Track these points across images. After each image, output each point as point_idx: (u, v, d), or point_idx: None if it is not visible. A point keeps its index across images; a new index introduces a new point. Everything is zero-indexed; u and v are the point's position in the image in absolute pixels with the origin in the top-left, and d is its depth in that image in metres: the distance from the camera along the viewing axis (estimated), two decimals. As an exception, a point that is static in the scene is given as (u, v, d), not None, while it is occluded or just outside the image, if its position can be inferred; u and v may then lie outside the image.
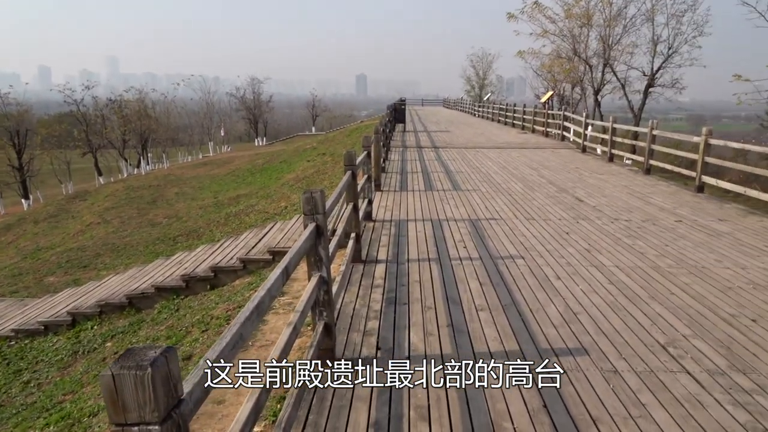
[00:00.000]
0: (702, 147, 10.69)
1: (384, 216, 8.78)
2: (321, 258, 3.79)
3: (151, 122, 45.68)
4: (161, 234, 17.06)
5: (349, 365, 4.00)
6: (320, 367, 3.95)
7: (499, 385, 3.64)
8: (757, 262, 6.50)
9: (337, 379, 3.81)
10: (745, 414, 3.44)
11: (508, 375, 3.27)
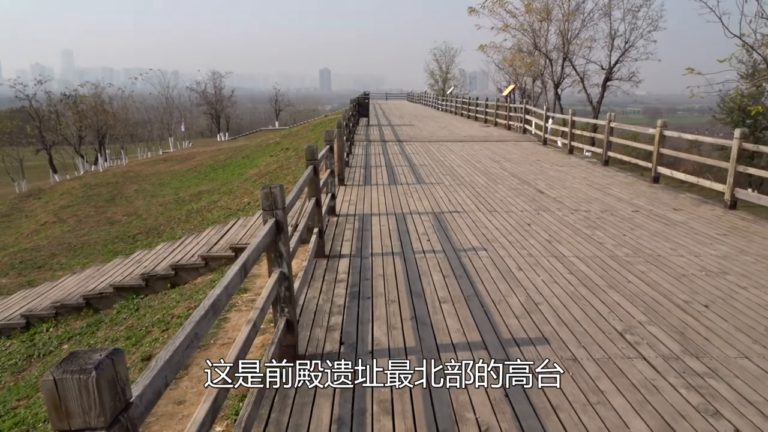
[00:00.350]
0: (657, 139, 10.98)
1: (348, 210, 8.75)
2: (281, 254, 3.74)
3: (108, 118, 44.34)
4: (120, 232, 16.63)
5: (313, 361, 3.98)
6: (283, 363, 3.91)
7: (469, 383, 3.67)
8: (710, 250, 6.72)
9: (300, 376, 3.78)
10: (698, 397, 3.55)
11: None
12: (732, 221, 8.17)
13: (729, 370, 3.88)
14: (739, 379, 3.77)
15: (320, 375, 3.78)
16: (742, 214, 8.67)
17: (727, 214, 8.66)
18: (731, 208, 8.88)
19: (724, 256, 6.50)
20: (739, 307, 5.00)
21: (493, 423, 3.26)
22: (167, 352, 1.81)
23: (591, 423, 3.26)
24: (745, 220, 8.28)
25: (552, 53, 29.23)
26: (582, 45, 27.88)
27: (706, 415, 3.35)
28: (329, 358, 4.05)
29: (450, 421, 3.27)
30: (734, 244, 6.96)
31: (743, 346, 4.26)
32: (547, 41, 29.18)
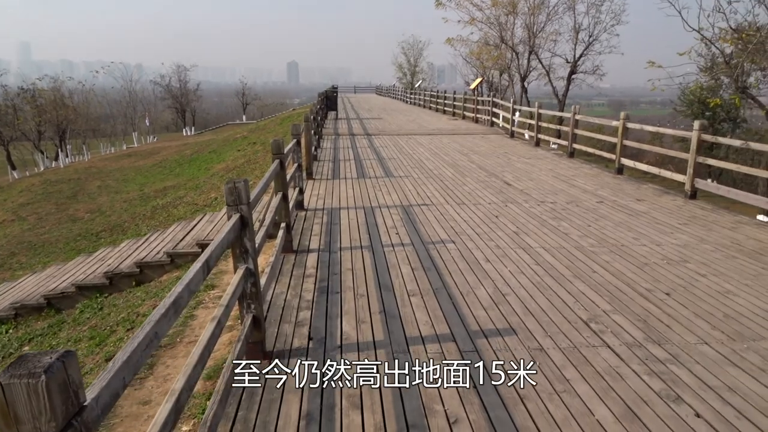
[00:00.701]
0: (620, 131, 11.19)
1: (316, 205, 8.69)
2: (247, 250, 3.69)
3: (68, 112, 42.96)
4: (83, 230, 16.21)
5: (281, 357, 3.95)
6: (250, 360, 3.86)
7: (437, 384, 3.69)
8: (671, 239, 6.89)
9: (267, 373, 3.74)
10: (660, 383, 3.63)
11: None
12: (692, 211, 8.39)
13: (689, 356, 3.99)
14: (699, 364, 3.87)
15: (288, 371, 3.75)
16: (701, 203, 8.91)
17: (688, 204, 8.89)
18: (691, 198, 9.11)
19: (684, 244, 6.66)
20: (699, 294, 5.13)
21: (461, 414, 3.28)
22: (125, 352, 1.75)
23: (557, 411, 3.31)
24: (705, 209, 8.51)
25: (518, 46, 29.53)
26: (547, 38, 28.25)
27: (668, 401, 3.43)
28: (297, 353, 4.01)
29: (419, 414, 3.28)
30: (694, 233, 7.14)
31: (703, 332, 4.37)
32: (514, 35, 29.47)
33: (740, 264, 5.97)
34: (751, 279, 5.53)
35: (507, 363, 3.86)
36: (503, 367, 3.78)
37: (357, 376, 3.67)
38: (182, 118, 60.62)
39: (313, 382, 3.63)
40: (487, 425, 3.18)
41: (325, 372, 3.73)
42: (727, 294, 5.14)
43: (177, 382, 2.28)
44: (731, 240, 6.87)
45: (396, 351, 4.05)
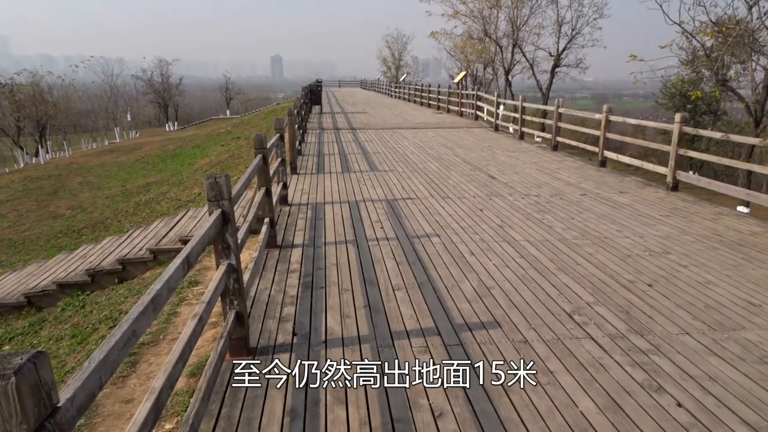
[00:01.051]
0: (603, 124, 11.27)
1: (300, 200, 8.64)
2: (229, 245, 3.65)
3: (48, 107, 42.38)
4: (64, 227, 15.98)
5: (265, 353, 3.92)
6: (234, 357, 3.83)
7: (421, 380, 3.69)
8: (653, 231, 6.95)
9: (251, 369, 3.71)
10: (642, 373, 3.66)
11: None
12: (674, 203, 8.47)
13: (671, 346, 4.03)
14: (681, 354, 3.91)
15: (272, 367, 3.73)
16: (683, 195, 9.01)
17: (670, 195, 8.97)
18: (673, 190, 9.20)
19: (666, 236, 6.73)
20: (681, 285, 5.19)
21: (446, 408, 3.28)
22: (101, 351, 1.72)
23: (541, 403, 3.32)
24: (686, 201, 8.61)
25: (502, 40, 29.60)
26: (531, 32, 28.37)
27: (650, 391, 3.46)
28: (282, 349, 3.99)
29: (404, 408, 3.28)
30: (676, 225, 7.22)
31: (684, 322, 4.42)
32: (497, 28, 29.52)
33: (721, 255, 6.04)
34: (731, 269, 5.60)
35: (492, 356, 3.87)
36: (488, 361, 3.80)
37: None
38: (165, 113, 60.03)
39: (297, 378, 3.61)
40: (472, 418, 3.19)
41: (310, 367, 3.72)
42: (708, 284, 5.20)
43: (157, 381, 2.25)
44: (712, 231, 6.95)
45: (381, 346, 4.04)
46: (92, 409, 4.06)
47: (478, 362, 3.76)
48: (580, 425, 3.13)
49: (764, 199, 7.49)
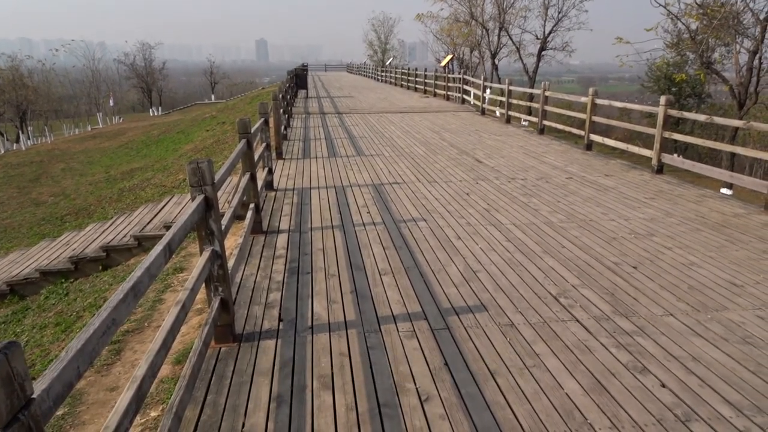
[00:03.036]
0: (589, 107, 11.27)
1: (286, 185, 8.57)
2: (212, 231, 3.60)
3: (28, 92, 41.56)
4: (47, 214, 15.76)
5: (251, 340, 3.89)
6: (219, 343, 3.81)
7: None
8: (638, 213, 6.99)
9: (237, 355, 3.69)
10: (627, 355, 3.69)
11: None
12: (659, 185, 8.52)
13: (656, 328, 4.06)
14: (665, 335, 3.95)
15: (259, 353, 3.71)
16: (668, 178, 9.06)
17: (655, 178, 9.02)
18: (658, 172, 9.25)
19: (651, 218, 6.77)
20: (665, 267, 5.23)
21: (433, 392, 3.29)
22: (79, 340, 1.68)
23: (527, 386, 3.34)
24: (671, 183, 8.66)
25: (488, 23, 29.43)
26: (517, 15, 28.24)
27: (634, 372, 3.49)
28: (268, 335, 3.96)
29: (390, 393, 3.28)
30: (660, 207, 7.26)
31: (668, 303, 4.46)
32: (484, 11, 29.35)
33: (704, 236, 6.10)
34: (714, 251, 5.65)
35: (478, 339, 3.88)
36: (475, 344, 3.81)
37: (329, 357, 3.66)
38: (149, 98, 59.21)
39: (283, 363, 3.59)
40: (459, 402, 3.19)
41: (296, 353, 3.71)
42: (692, 266, 5.24)
43: (139, 369, 2.22)
44: (696, 213, 7.00)
45: (368, 331, 4.02)
46: (76, 397, 4.03)
47: (464, 346, 3.78)
48: (566, 407, 3.15)
49: (747, 181, 7.55)
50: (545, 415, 3.07)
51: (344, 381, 3.40)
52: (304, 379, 3.42)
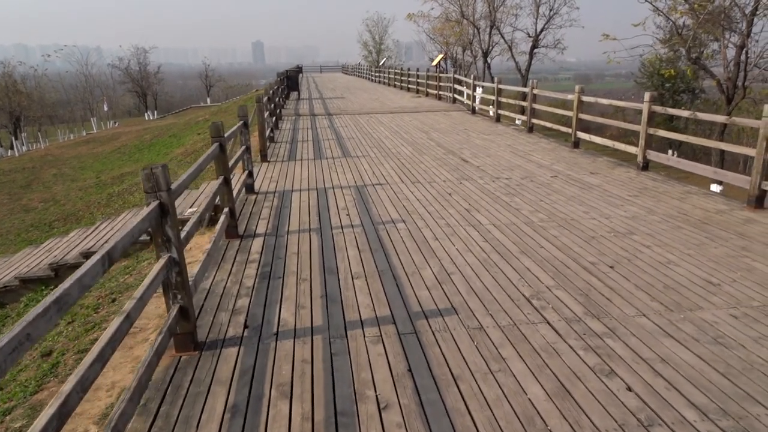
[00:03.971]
0: (575, 104, 11.19)
1: (268, 188, 8.49)
2: (169, 238, 3.53)
3: (21, 98, 41.44)
4: (36, 220, 15.68)
5: (213, 348, 3.82)
6: (180, 352, 3.73)
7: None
8: (620, 211, 6.91)
9: (197, 364, 3.62)
10: (595, 357, 3.62)
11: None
12: (643, 182, 8.44)
13: (627, 329, 3.98)
14: (636, 337, 3.87)
15: (219, 362, 3.64)
16: (653, 175, 8.99)
17: (640, 175, 8.95)
18: (644, 169, 9.18)
19: (633, 216, 6.70)
20: (642, 266, 5.15)
21: (393, 399, 3.21)
22: (-20, 359, 1.61)
23: (490, 392, 3.26)
24: (656, 180, 8.58)
25: (479, 21, 29.36)
26: (509, 13, 28.15)
27: (601, 375, 3.41)
28: (231, 343, 3.88)
29: (349, 401, 3.20)
30: (643, 205, 7.19)
31: (642, 303, 4.38)
32: (474, 9, 29.26)
33: (685, 234, 6.02)
34: (694, 248, 5.58)
35: (445, 343, 3.81)
36: (441, 348, 3.74)
37: (290, 364, 3.58)
38: (144, 102, 59.08)
39: (244, 372, 3.52)
40: (418, 409, 3.12)
41: (258, 361, 3.63)
42: (669, 264, 5.17)
43: (67, 384, 2.14)
44: (678, 210, 6.93)
45: (333, 336, 3.95)
46: (36, 408, 3.94)
47: (430, 351, 3.71)
48: (527, 413, 3.07)
49: (730, 176, 7.48)
50: (505, 422, 3.00)
51: (303, 389, 3.33)
52: (263, 388, 3.34)
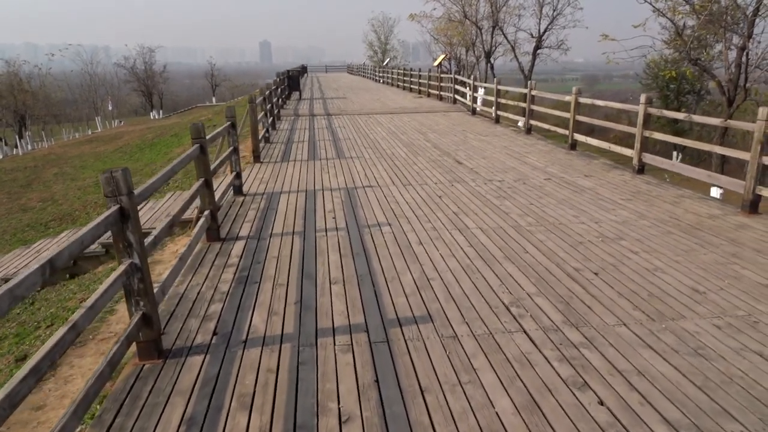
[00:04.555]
0: (572, 106, 11.05)
1: (257, 189, 8.41)
2: (131, 243, 3.44)
3: (26, 97, 41.58)
4: (33, 219, 15.66)
5: (178, 356, 3.73)
6: (143, 360, 3.64)
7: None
8: (611, 215, 6.78)
9: (160, 373, 3.53)
10: (569, 369, 3.50)
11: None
12: (638, 186, 8.30)
13: (605, 339, 3.86)
14: (613, 347, 3.75)
15: (182, 371, 3.55)
16: (648, 178, 8.83)
17: (635, 178, 8.80)
18: (639, 172, 9.03)
19: (623, 221, 6.56)
20: (627, 272, 5.02)
21: (355, 412, 3.11)
22: None
23: (456, 404, 3.16)
24: (650, 184, 8.43)
25: (482, 22, 29.19)
26: (511, 13, 27.97)
27: (573, 388, 3.30)
28: (198, 351, 3.79)
29: (310, 413, 3.10)
30: (635, 209, 7.05)
31: (623, 312, 4.26)
32: (477, 10, 29.10)
33: (674, 239, 5.88)
34: (682, 255, 5.44)
35: (416, 353, 3.70)
36: (411, 358, 3.63)
37: (254, 374, 3.49)
38: (149, 102, 59.24)
39: (206, 381, 3.43)
40: (380, 422, 3.02)
41: (222, 370, 3.54)
42: (656, 271, 5.04)
43: (-8, 400, 2.05)
44: (670, 215, 6.78)
45: (303, 344, 3.85)
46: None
47: (400, 360, 3.61)
48: (492, 427, 2.96)
49: (724, 180, 7.33)
50: (468, 438, 2.89)
51: (265, 400, 3.23)
52: (223, 399, 3.25)
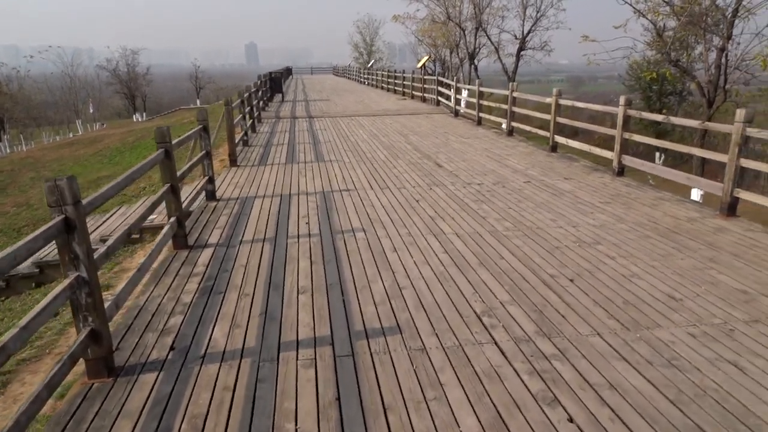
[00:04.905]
0: (553, 108, 10.98)
1: (231, 194, 8.21)
2: (77, 255, 3.25)
3: (5, 100, 40.91)
4: (5, 225, 15.28)
5: (130, 373, 3.54)
6: (92, 379, 3.45)
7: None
8: (589, 219, 6.67)
9: (109, 393, 3.34)
10: (540, 383, 3.36)
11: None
12: (617, 188, 8.21)
13: (578, 350, 3.73)
14: (586, 359, 3.62)
15: (132, 390, 3.36)
16: (627, 180, 8.76)
17: (615, 181, 8.72)
18: (619, 174, 8.96)
19: (601, 225, 6.45)
20: (603, 279, 4.90)
21: (313, 432, 2.94)
22: None
23: (420, 424, 3.00)
24: (630, 186, 8.35)
25: (466, 23, 29.15)
26: (495, 14, 27.96)
27: (543, 404, 3.16)
28: (152, 367, 3.60)
29: (265, 435, 2.93)
30: (613, 212, 6.95)
31: (598, 321, 4.13)
32: (461, 11, 29.05)
33: (652, 244, 5.78)
34: (659, 260, 5.34)
35: (382, 367, 3.54)
36: (376, 373, 3.48)
37: (210, 393, 3.31)
38: (132, 104, 58.54)
39: (157, 401, 3.24)
40: (338, 445, 2.85)
41: (175, 389, 3.36)
42: (632, 277, 4.92)
43: None
44: (648, 218, 6.69)
45: (264, 359, 3.68)
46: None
47: (364, 375, 3.45)
48: (456, 449, 2.81)
49: (703, 183, 7.26)
50: (429, 460, 2.73)
51: (218, 422, 3.05)
52: (173, 421, 3.07)
